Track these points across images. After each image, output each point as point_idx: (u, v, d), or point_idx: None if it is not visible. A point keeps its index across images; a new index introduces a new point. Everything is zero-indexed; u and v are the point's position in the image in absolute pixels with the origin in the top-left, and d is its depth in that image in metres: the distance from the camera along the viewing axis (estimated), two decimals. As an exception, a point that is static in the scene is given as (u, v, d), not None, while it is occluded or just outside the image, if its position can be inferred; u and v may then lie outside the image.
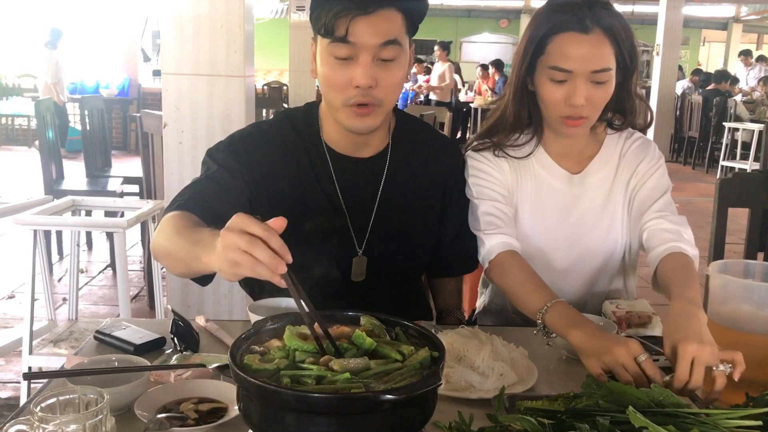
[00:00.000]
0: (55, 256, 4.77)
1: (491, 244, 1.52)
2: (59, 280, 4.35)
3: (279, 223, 0.93)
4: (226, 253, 0.93)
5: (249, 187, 1.44)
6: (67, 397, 0.91)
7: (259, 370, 0.90)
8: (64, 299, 3.54)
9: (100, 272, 4.66)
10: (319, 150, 1.50)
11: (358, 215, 1.51)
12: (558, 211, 1.62)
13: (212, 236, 1.02)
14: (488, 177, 1.60)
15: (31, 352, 2.61)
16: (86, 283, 4.39)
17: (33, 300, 2.62)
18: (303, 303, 0.96)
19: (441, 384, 0.88)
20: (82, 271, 4.51)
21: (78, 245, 3.07)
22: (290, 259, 0.92)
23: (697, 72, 12.68)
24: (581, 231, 1.62)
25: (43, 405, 0.89)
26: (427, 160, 1.58)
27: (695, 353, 1.12)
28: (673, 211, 1.56)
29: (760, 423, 0.96)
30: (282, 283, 0.92)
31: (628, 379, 1.13)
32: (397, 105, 1.53)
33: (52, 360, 2.62)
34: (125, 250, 2.68)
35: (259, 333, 1.01)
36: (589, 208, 1.62)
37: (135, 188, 4.92)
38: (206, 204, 1.32)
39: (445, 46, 11.09)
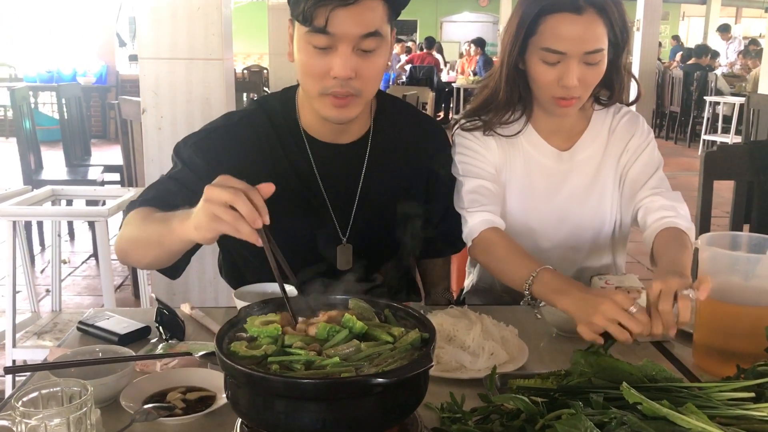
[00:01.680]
0: (36, 248, 4.71)
1: (474, 222, 1.50)
2: (42, 271, 4.30)
3: (266, 189, 1.02)
4: (209, 206, 1.01)
5: None
6: (50, 390, 0.89)
7: (246, 356, 0.89)
8: (48, 291, 3.50)
9: (83, 262, 4.61)
10: (297, 138, 1.45)
11: (341, 203, 1.48)
12: (547, 189, 1.61)
13: (185, 211, 1.11)
14: (475, 155, 1.58)
15: (14, 345, 2.59)
16: (69, 274, 4.35)
17: (14, 292, 2.59)
18: (279, 263, 1.03)
19: (433, 365, 0.86)
20: (65, 262, 4.46)
21: (59, 235, 3.03)
22: (267, 220, 1.00)
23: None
24: (570, 208, 1.61)
25: (24, 399, 0.86)
26: (411, 142, 1.54)
27: (661, 286, 1.13)
28: (668, 187, 1.56)
29: (752, 395, 0.95)
30: (258, 241, 1.00)
31: (625, 336, 1.10)
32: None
33: (37, 352, 2.60)
34: (108, 238, 2.65)
35: (245, 319, 0.99)
36: (578, 185, 1.61)
37: (116, 176, 4.87)
38: (170, 203, 1.29)
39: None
